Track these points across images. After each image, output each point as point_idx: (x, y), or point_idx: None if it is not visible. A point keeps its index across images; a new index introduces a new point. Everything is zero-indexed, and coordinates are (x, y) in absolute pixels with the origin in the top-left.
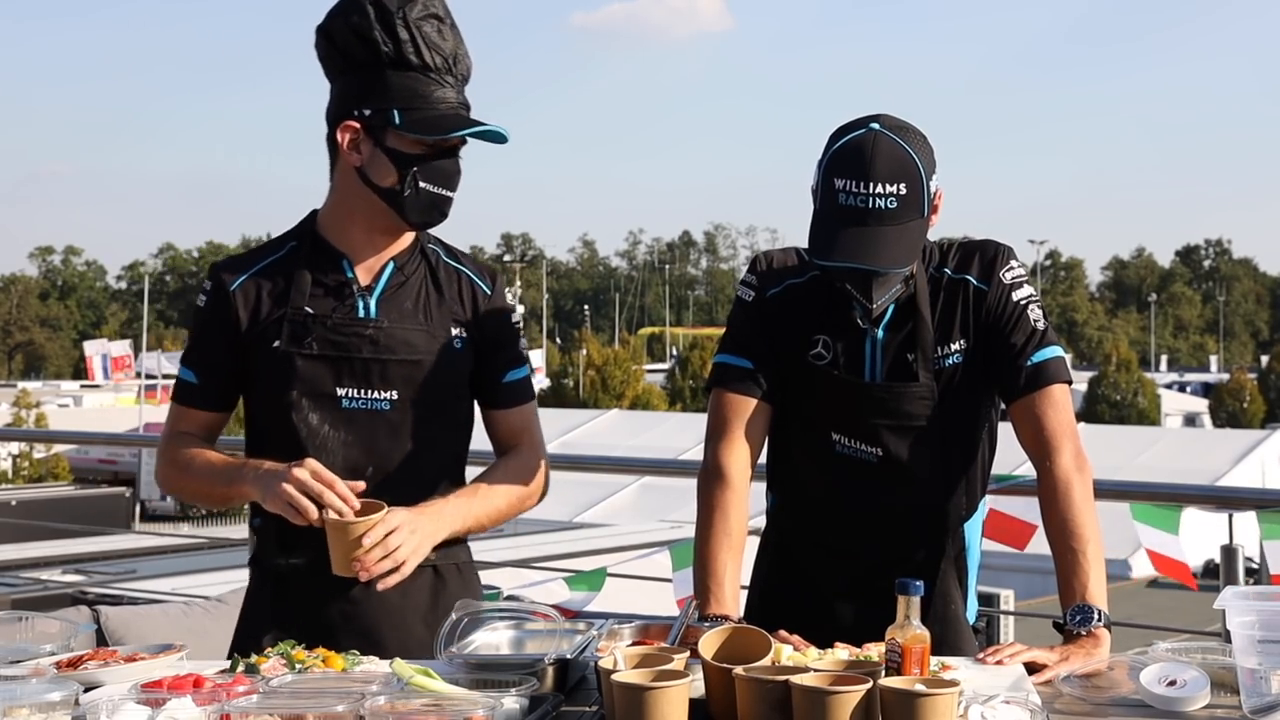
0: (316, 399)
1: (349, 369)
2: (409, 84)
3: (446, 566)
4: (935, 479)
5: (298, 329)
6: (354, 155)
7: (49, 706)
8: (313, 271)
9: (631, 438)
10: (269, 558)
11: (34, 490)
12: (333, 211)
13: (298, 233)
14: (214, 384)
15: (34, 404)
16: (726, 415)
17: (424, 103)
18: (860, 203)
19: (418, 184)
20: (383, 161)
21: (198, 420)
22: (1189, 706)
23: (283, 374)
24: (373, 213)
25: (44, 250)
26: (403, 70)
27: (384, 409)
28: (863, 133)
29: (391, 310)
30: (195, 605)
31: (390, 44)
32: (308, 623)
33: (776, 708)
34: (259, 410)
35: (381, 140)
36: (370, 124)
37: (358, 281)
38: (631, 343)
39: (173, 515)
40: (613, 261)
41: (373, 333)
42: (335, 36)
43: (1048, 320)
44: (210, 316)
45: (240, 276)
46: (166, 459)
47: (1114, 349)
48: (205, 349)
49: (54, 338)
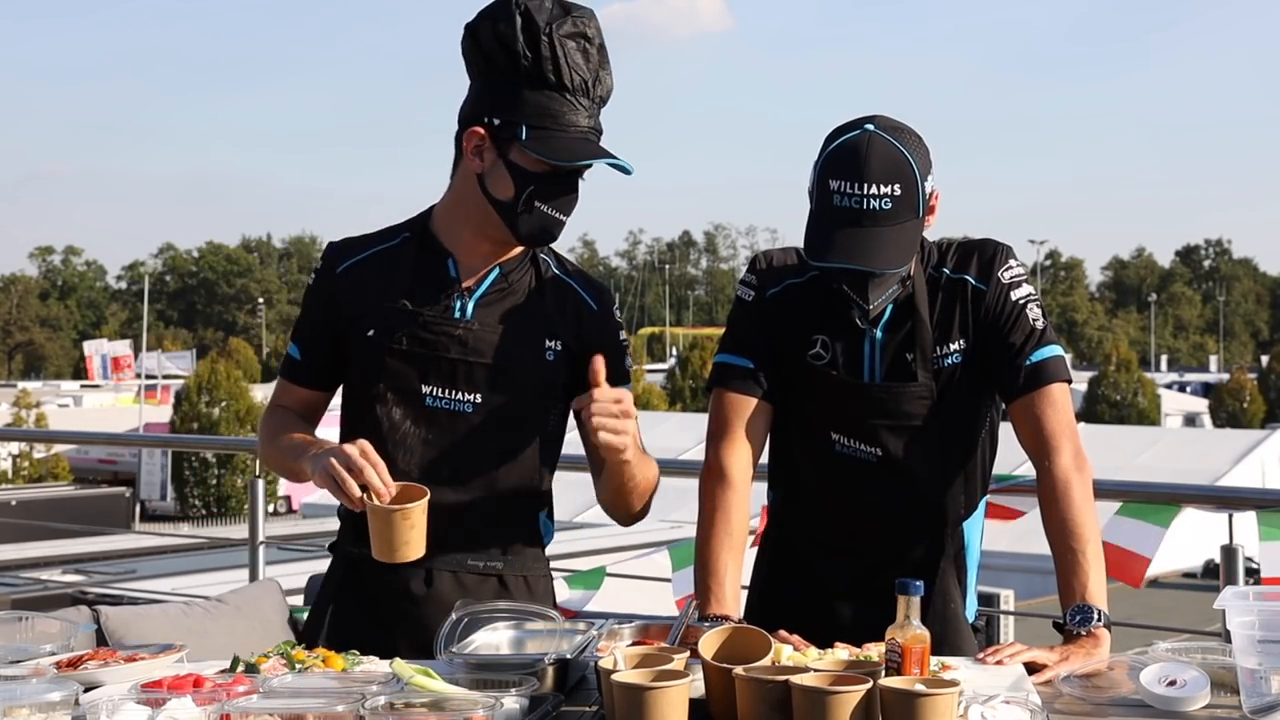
0: (401, 394)
1: (435, 367)
2: (542, 101)
3: (513, 578)
4: (934, 479)
5: (391, 322)
6: (476, 161)
7: (49, 706)
8: (418, 266)
9: None
10: (344, 543)
11: (34, 490)
12: (447, 210)
13: (411, 225)
14: (316, 362)
15: (34, 404)
16: (727, 415)
17: (553, 123)
18: (855, 204)
19: (533, 203)
20: (502, 174)
21: (298, 396)
22: (1189, 706)
23: (371, 364)
24: (485, 220)
25: (44, 250)
26: (539, 87)
27: (466, 411)
28: (857, 134)
29: (488, 314)
30: (195, 605)
31: (530, 57)
32: (369, 614)
33: (776, 708)
34: (351, 397)
35: (505, 152)
36: (497, 134)
37: (460, 282)
38: (631, 343)
39: (173, 515)
40: (613, 261)
41: (463, 333)
42: (480, 39)
43: (1047, 319)
44: (317, 295)
45: (349, 260)
46: (263, 430)
47: (1114, 349)
48: (310, 326)
49: (54, 338)
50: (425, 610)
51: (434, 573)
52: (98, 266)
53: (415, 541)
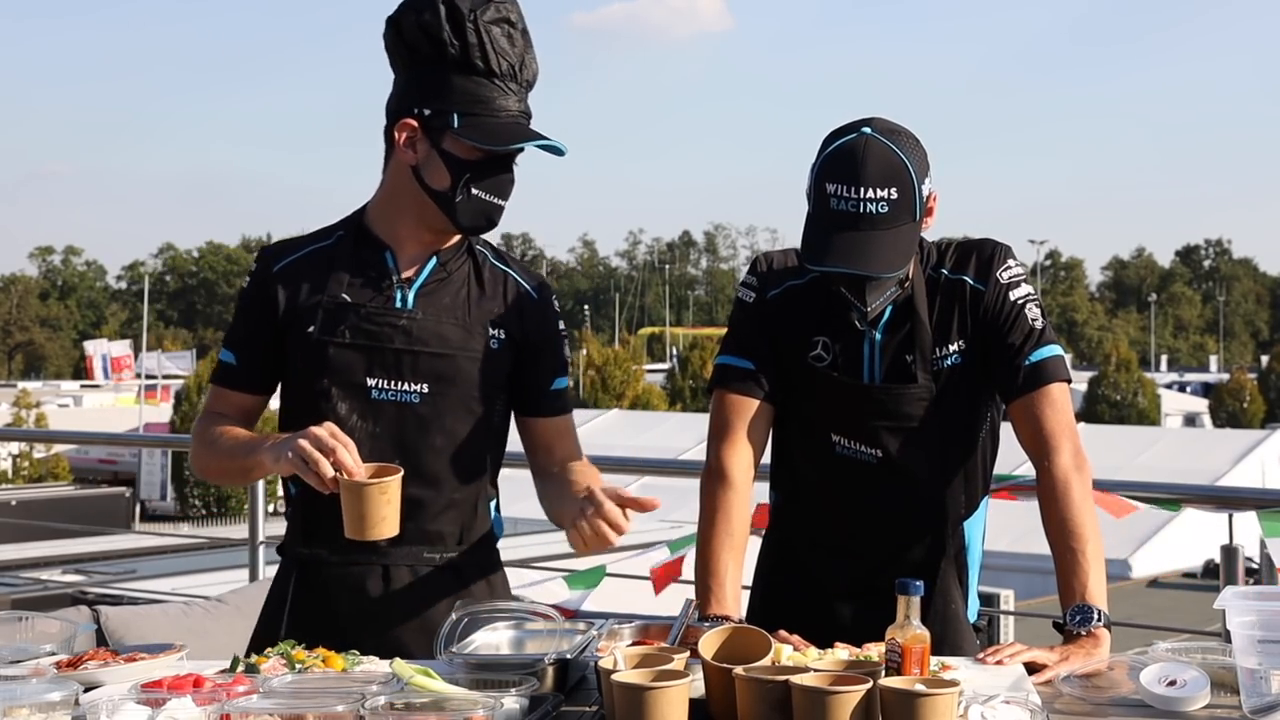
0: (346, 388)
1: (380, 359)
2: (472, 88)
3: (470, 569)
4: (935, 479)
5: (332, 316)
6: (409, 154)
7: (49, 706)
8: (355, 261)
9: (631, 438)
10: (294, 545)
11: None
12: (382, 204)
13: (346, 223)
14: (253, 366)
15: (34, 404)
16: (728, 416)
17: (484, 109)
18: (851, 207)
19: (470, 190)
20: (437, 164)
21: (234, 402)
22: (1189, 706)
23: (315, 361)
24: (422, 211)
25: (44, 250)
26: (467, 73)
27: (413, 402)
28: (854, 137)
29: (429, 304)
30: (195, 605)
31: (457, 45)
32: (324, 614)
33: (776, 708)
34: (291, 398)
35: (438, 142)
36: (429, 124)
37: (399, 273)
38: (631, 343)
39: (173, 515)
40: (613, 261)
41: (406, 323)
42: (404, 31)
43: (1046, 319)
44: (252, 298)
45: (284, 260)
46: (197, 438)
47: (1114, 349)
48: (246, 330)
49: (54, 338)
50: (384, 608)
51: (391, 569)
52: (98, 266)
53: (391, 518)
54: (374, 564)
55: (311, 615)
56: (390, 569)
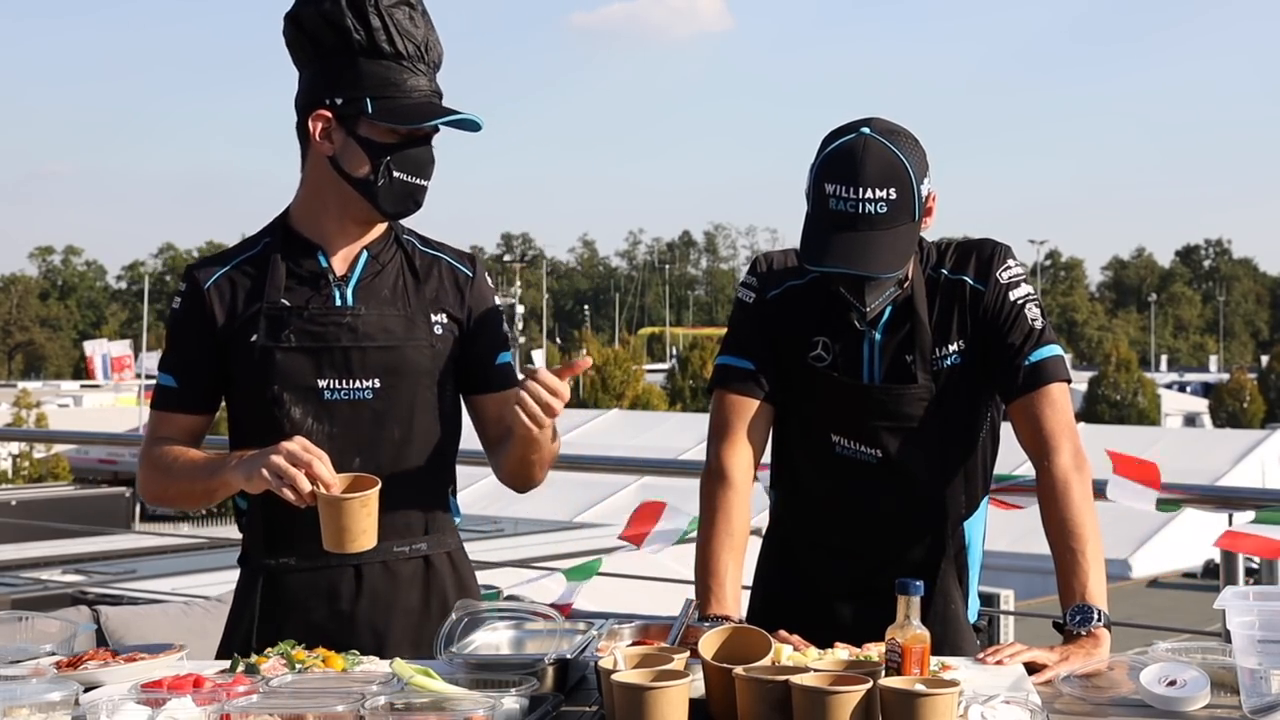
0: (298, 392)
1: (329, 359)
2: (381, 72)
3: (437, 555)
4: (935, 479)
5: (275, 322)
6: (326, 144)
7: (49, 706)
8: (287, 264)
9: (631, 438)
10: (258, 556)
11: (34, 490)
12: (305, 203)
13: (270, 229)
14: (194, 386)
15: (34, 404)
16: (728, 416)
17: (396, 91)
18: (850, 207)
19: (391, 173)
20: (355, 151)
21: (179, 425)
22: (1189, 706)
23: (262, 369)
24: (345, 202)
25: (44, 250)
26: (374, 58)
27: (366, 398)
28: (853, 137)
29: (369, 298)
30: (195, 605)
31: (362, 31)
32: (296, 622)
33: (776, 708)
34: (241, 409)
35: (354, 129)
36: (342, 113)
37: (333, 271)
38: (631, 343)
39: (172, 515)
40: (613, 261)
41: (350, 320)
42: (305, 23)
43: (1046, 319)
44: (186, 317)
45: (214, 274)
46: (147, 465)
47: (1114, 349)
48: (182, 351)
49: (54, 338)
50: (360, 610)
51: (363, 569)
52: (98, 266)
53: (370, 530)
54: (345, 565)
55: (283, 623)
56: (363, 568)
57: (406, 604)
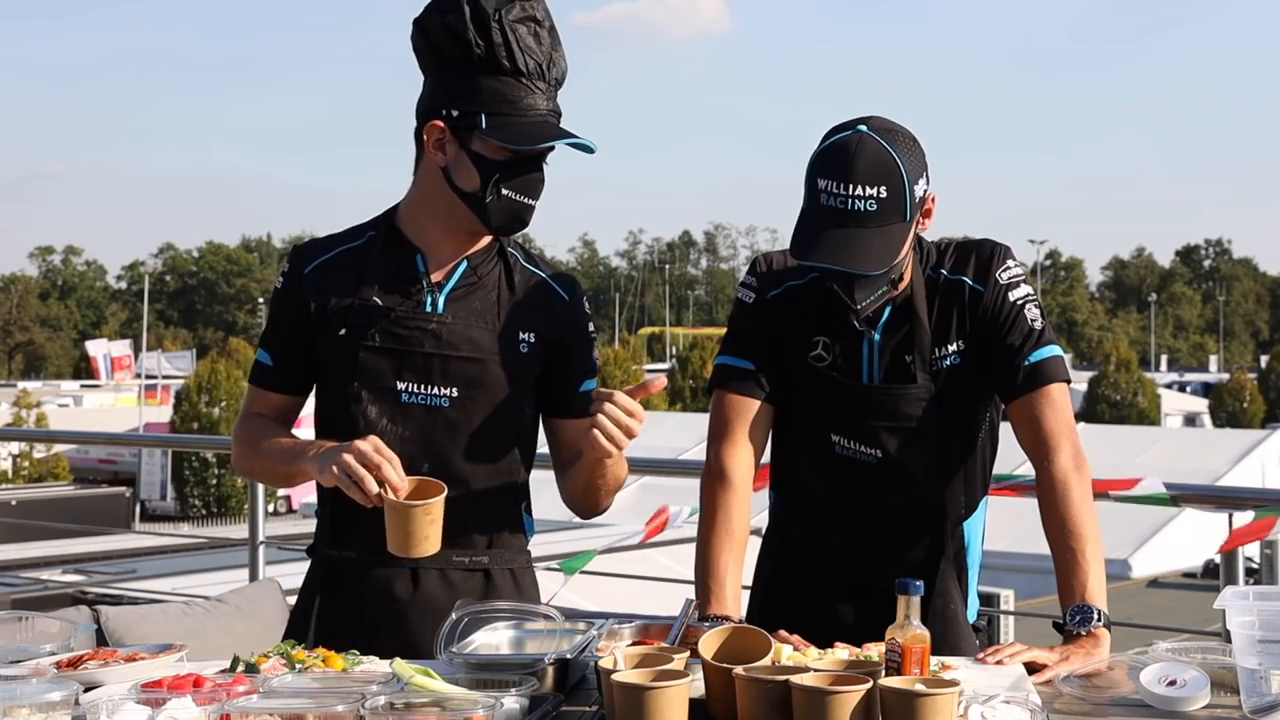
0: (376, 391)
1: (410, 363)
2: (499, 88)
3: (499, 571)
4: (934, 479)
5: (362, 319)
6: (439, 155)
7: (49, 706)
8: (386, 263)
9: None
10: (322, 547)
11: (34, 490)
12: (412, 206)
13: (376, 223)
14: (287, 366)
15: (34, 404)
16: (728, 416)
17: (512, 109)
18: (840, 203)
19: (500, 190)
20: (467, 165)
21: (271, 403)
22: (1189, 706)
23: (345, 363)
24: (453, 213)
25: (44, 250)
26: (493, 73)
27: (443, 406)
28: (848, 134)
29: (460, 308)
30: (195, 605)
31: (483, 46)
32: (353, 617)
33: (776, 708)
34: (324, 399)
35: (467, 143)
36: (457, 126)
37: (429, 277)
38: (631, 343)
39: (172, 515)
40: (613, 261)
41: (436, 327)
42: (430, 33)
43: (1045, 319)
44: (285, 298)
45: (316, 260)
46: (239, 439)
47: (1114, 349)
48: (280, 331)
49: (54, 338)
50: (413, 611)
51: (420, 572)
52: (98, 266)
53: (434, 536)
54: (403, 566)
55: (339, 619)
56: (419, 572)
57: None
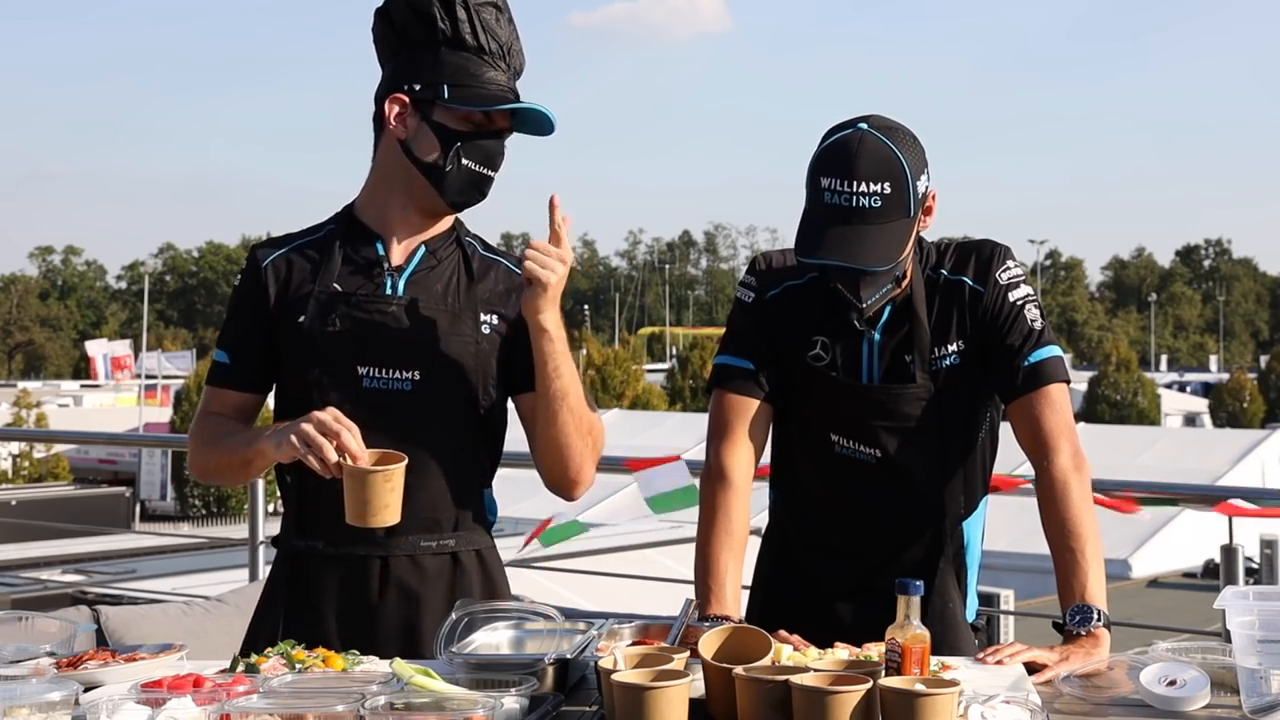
0: (337, 377)
1: (370, 347)
2: (461, 62)
3: (466, 553)
4: (934, 479)
5: (323, 306)
6: (400, 128)
7: (49, 706)
8: (346, 251)
9: (631, 437)
10: (288, 538)
11: (34, 490)
12: (371, 191)
13: (335, 217)
14: (247, 363)
15: (34, 404)
16: (728, 416)
17: (474, 80)
18: (844, 201)
19: (460, 160)
20: (428, 135)
21: (230, 401)
22: (1189, 706)
23: (306, 351)
24: (411, 189)
25: (44, 250)
26: (457, 49)
27: (405, 389)
28: (849, 132)
29: (420, 290)
30: (195, 605)
31: (448, 23)
32: (321, 608)
33: (776, 708)
34: (286, 391)
35: (428, 114)
36: (419, 98)
37: (389, 260)
38: (631, 343)
39: (173, 515)
40: (613, 261)
41: (396, 309)
42: (394, 16)
43: (1045, 320)
44: (243, 294)
45: (273, 253)
46: (194, 439)
47: (1114, 349)
48: (238, 327)
49: (54, 338)
50: (387, 599)
51: (390, 559)
52: (98, 266)
53: (393, 505)
54: (372, 556)
55: (308, 610)
56: (389, 559)
57: (433, 600)
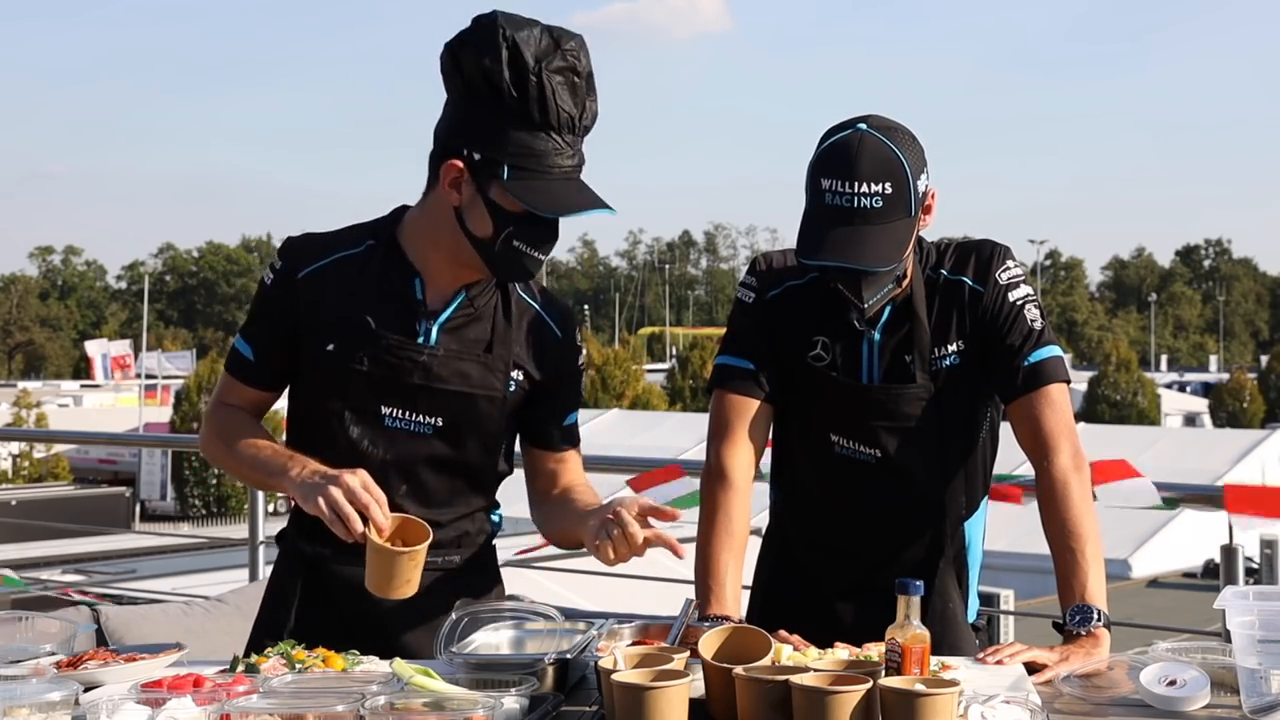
0: (359, 413)
1: (396, 390)
2: (526, 140)
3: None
4: (934, 479)
5: (353, 338)
6: (454, 195)
7: (49, 706)
8: (382, 282)
9: (631, 437)
10: (294, 538)
11: (34, 490)
12: (418, 228)
13: (377, 233)
14: (268, 363)
15: (34, 404)
16: (728, 416)
17: (537, 164)
18: (845, 202)
19: (511, 242)
20: (481, 212)
21: (246, 396)
22: (1189, 706)
23: (329, 380)
24: (458, 249)
25: (44, 250)
26: (523, 125)
27: (426, 433)
28: (849, 133)
29: (452, 340)
30: (195, 605)
31: (516, 96)
32: (329, 613)
33: (776, 708)
34: (303, 409)
35: (485, 190)
36: (477, 169)
37: (425, 305)
38: (631, 343)
39: (173, 515)
40: (613, 261)
41: (427, 360)
42: (463, 65)
43: (1045, 320)
44: (274, 297)
45: (311, 265)
46: (211, 425)
47: (1114, 349)
48: (264, 327)
49: (54, 338)
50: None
51: None
52: (98, 266)
53: (414, 580)
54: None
55: (317, 613)
56: None
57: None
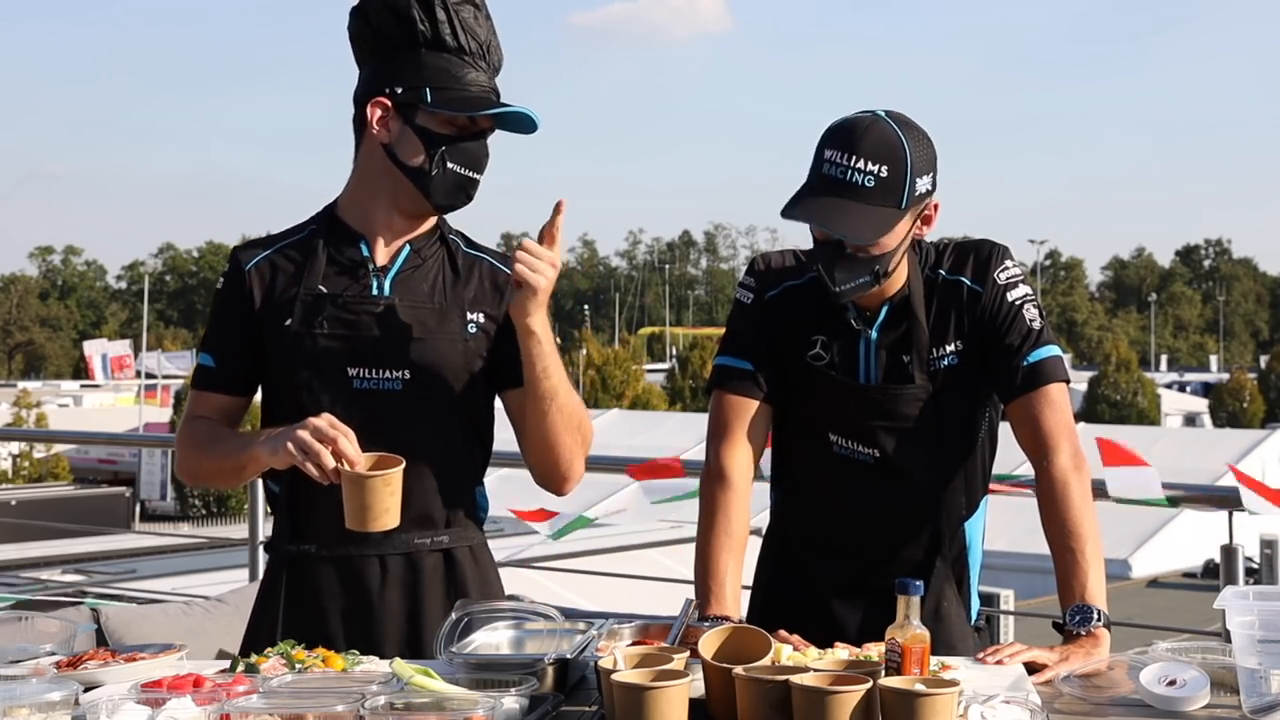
0: (327, 380)
1: (359, 348)
2: (442, 64)
3: (459, 549)
4: (933, 479)
5: (310, 308)
6: (383, 132)
7: (49, 706)
8: (330, 252)
9: (631, 437)
10: (281, 543)
11: (34, 490)
12: (354, 193)
13: (317, 217)
14: (232, 366)
15: (34, 404)
16: (727, 417)
17: (456, 83)
18: (840, 174)
19: (445, 164)
20: (411, 140)
21: (216, 405)
22: (1189, 706)
23: (294, 354)
24: (396, 192)
25: (44, 250)
26: (437, 51)
27: (395, 389)
28: (865, 114)
29: (405, 290)
30: (195, 605)
31: (427, 23)
32: (320, 610)
33: (776, 708)
34: (273, 393)
35: (411, 118)
36: (401, 101)
37: (373, 261)
38: (631, 343)
39: (172, 515)
40: (613, 261)
41: (383, 310)
42: (371, 15)
43: (1044, 319)
44: (227, 297)
45: (256, 256)
46: (182, 442)
47: (1114, 349)
48: (222, 331)
49: (54, 338)
50: (386, 598)
51: (387, 559)
52: (98, 266)
53: (393, 509)
54: (369, 556)
55: (308, 612)
56: (386, 559)
57: (431, 597)
